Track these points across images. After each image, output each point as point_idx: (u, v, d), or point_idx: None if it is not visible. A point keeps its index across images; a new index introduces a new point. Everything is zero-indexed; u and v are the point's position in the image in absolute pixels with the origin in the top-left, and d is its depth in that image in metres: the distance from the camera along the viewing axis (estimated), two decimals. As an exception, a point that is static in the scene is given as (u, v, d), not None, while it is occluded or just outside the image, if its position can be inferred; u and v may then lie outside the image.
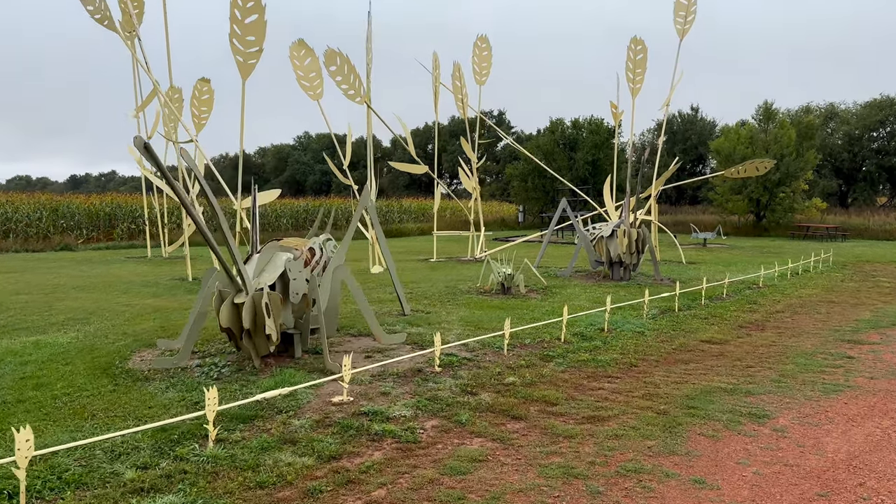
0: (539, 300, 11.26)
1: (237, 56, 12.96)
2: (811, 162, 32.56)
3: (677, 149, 58.02)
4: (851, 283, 14.31)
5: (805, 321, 9.71)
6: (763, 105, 34.43)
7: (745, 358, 7.33)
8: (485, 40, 20.19)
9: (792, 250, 23.89)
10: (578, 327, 8.63)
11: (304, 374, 6.00)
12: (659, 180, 19.30)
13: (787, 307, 10.98)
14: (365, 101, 15.15)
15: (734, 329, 9.03)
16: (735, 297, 11.87)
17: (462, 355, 6.88)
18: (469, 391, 5.70)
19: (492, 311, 9.92)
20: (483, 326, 8.54)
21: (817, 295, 12.44)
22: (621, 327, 8.84)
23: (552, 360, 6.93)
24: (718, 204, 34.88)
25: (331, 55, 14.10)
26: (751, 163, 19.42)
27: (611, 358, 7.14)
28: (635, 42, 18.89)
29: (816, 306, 11.11)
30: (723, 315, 10.04)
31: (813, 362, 7.10)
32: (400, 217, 37.75)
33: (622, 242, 13.80)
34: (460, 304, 10.74)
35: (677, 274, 15.50)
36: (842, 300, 11.82)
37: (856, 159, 49.46)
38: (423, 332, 8.11)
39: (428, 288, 12.65)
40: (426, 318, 9.21)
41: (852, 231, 31.69)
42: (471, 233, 20.84)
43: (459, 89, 19.69)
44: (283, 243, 6.71)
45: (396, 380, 5.92)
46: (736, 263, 18.57)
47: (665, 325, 9.10)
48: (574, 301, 11.14)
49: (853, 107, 52.89)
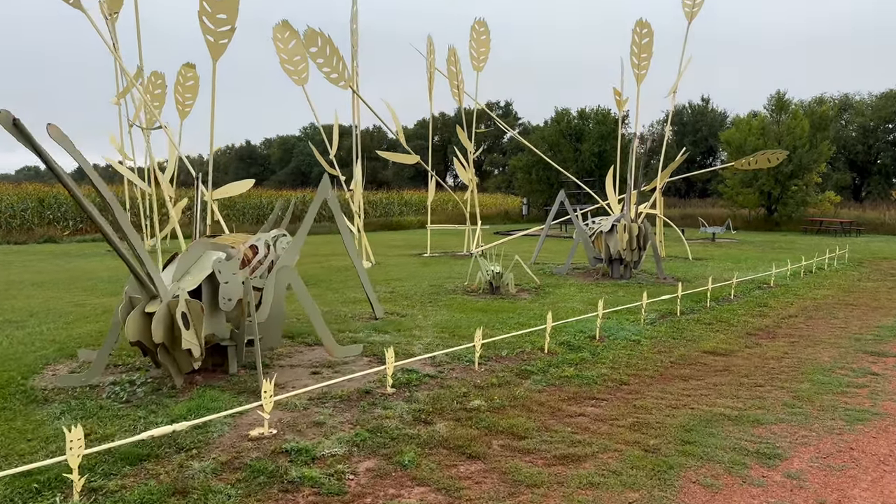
0: (529, 301, 10.34)
1: (207, 35, 12.05)
2: (825, 154, 31.40)
3: (687, 140, 56.77)
4: (869, 283, 13.30)
5: (821, 328, 8.74)
6: (776, 95, 33.24)
7: (753, 374, 6.39)
8: (483, 24, 19.19)
9: (804, 246, 22.83)
10: (566, 335, 7.70)
11: (230, 396, 5.10)
12: (664, 172, 18.29)
13: (800, 311, 10.00)
14: (349, 86, 14.22)
15: (742, 337, 8.08)
16: (743, 299, 10.90)
17: (425, 371, 5.96)
18: (423, 419, 4.79)
19: (474, 315, 9.00)
20: (460, 333, 7.63)
21: (833, 296, 11.45)
22: (615, 335, 7.91)
23: (530, 377, 6.01)
24: (728, 197, 33.78)
25: (311, 36, 13.17)
26: (762, 154, 18.38)
27: (598, 373, 6.21)
28: (640, 25, 17.84)
29: (833, 310, 10.13)
30: (729, 320, 9.08)
31: (832, 380, 6.15)
32: (401, 210, 36.85)
33: (622, 238, 12.83)
34: (442, 305, 9.82)
35: (682, 272, 14.52)
36: (860, 303, 10.82)
37: (870, 152, 48.12)
38: (390, 340, 7.20)
39: (412, 286, 11.75)
40: (399, 322, 8.30)
41: (867, 226, 30.54)
42: (467, 227, 19.89)
43: (455, 75, 18.72)
44: (219, 240, 5.81)
45: (338, 405, 5.01)
46: (746, 260, 17.57)
47: (664, 332, 8.16)
48: (567, 303, 10.21)
49: (868, 98, 51.49)
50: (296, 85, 16.16)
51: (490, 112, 22.68)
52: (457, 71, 18.67)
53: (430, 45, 19.12)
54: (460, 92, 18.90)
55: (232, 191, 12.15)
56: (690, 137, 56.07)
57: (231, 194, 12.37)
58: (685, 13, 18.14)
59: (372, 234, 30.15)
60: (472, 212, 20.20)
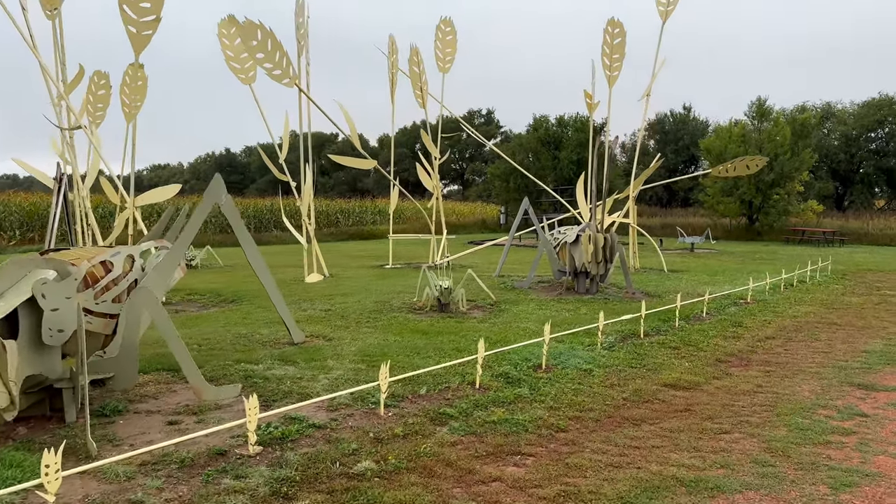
0: (479, 321, 9.26)
1: (129, 26, 10.97)
2: (807, 162, 30.64)
3: (669, 149, 56.13)
4: (854, 298, 12.34)
5: (801, 352, 7.72)
6: (756, 101, 32.49)
7: (719, 415, 5.34)
8: (448, 24, 18.18)
9: (786, 257, 21.94)
10: (507, 364, 6.62)
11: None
12: (638, 179, 17.31)
13: (778, 331, 8.98)
14: (295, 84, 13.12)
15: (710, 365, 7.03)
16: (716, 318, 9.88)
17: (315, 419, 4.84)
18: (284, 494, 3.68)
19: (411, 338, 7.91)
20: (378, 364, 6.52)
21: (815, 314, 10.46)
22: (564, 362, 6.84)
23: (447, 423, 4.92)
24: (709, 206, 32.95)
25: (249, 28, 12.08)
26: (741, 160, 17.45)
27: (533, 417, 5.13)
28: (612, 24, 16.87)
29: (815, 330, 9.12)
30: (698, 343, 8.04)
31: (813, 424, 5.10)
32: (374, 218, 35.72)
33: (587, 250, 11.80)
34: (379, 326, 8.72)
35: (654, 285, 13.50)
36: (845, 321, 9.83)
37: (853, 160, 47.61)
38: (294, 374, 6.08)
39: (354, 303, 10.64)
40: (316, 349, 7.18)
41: (850, 236, 29.78)
42: (432, 236, 18.81)
43: (418, 76, 17.68)
44: (60, 255, 4.68)
45: (176, 473, 3.87)
46: (723, 272, 16.60)
47: (622, 359, 7.10)
48: (521, 322, 9.15)
49: (850, 106, 51.09)
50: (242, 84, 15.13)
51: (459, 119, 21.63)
52: (420, 72, 17.64)
53: (393, 45, 18.09)
54: (424, 94, 17.87)
55: (155, 197, 11.01)
56: (672, 146, 55.43)
57: (154, 201, 11.25)
58: (659, 12, 17.24)
59: (341, 243, 29.03)
60: (438, 221, 19.12)
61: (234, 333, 7.99)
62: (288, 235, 30.13)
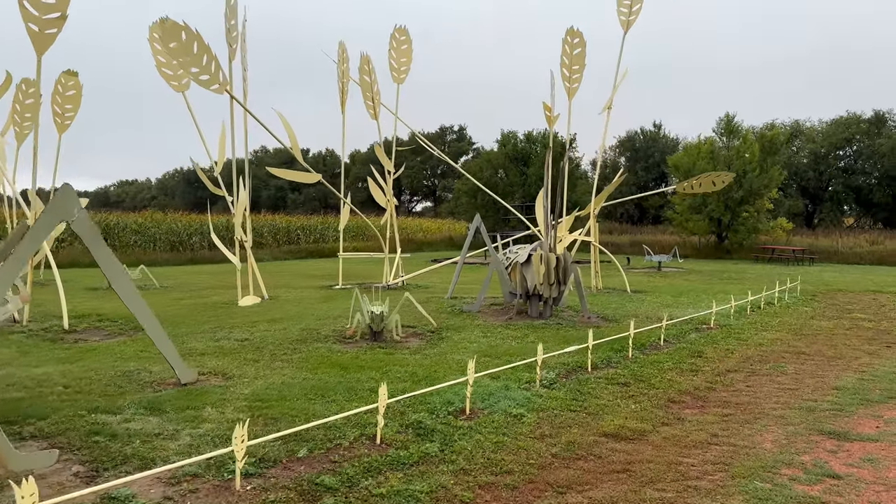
0: (412, 352, 8.27)
1: (30, 24, 9.90)
2: (776, 179, 30.21)
3: (639, 166, 55.87)
4: (824, 322, 11.56)
5: (765, 389, 6.84)
6: (725, 118, 32.08)
7: (662, 478, 4.40)
8: (403, 32, 17.33)
9: (755, 275, 21.28)
10: (423, 410, 5.64)
11: None
12: (600, 195, 16.53)
13: (741, 362, 8.11)
14: (226, 90, 12.11)
15: (661, 407, 6.11)
16: (675, 346, 8.99)
17: (147, 497, 3.80)
18: None
19: (325, 376, 6.89)
20: (278, 412, 5.50)
21: (782, 341, 9.62)
22: (493, 406, 5.87)
23: (321, 499, 3.91)
24: (678, 224, 32.38)
25: (172, 29, 11.05)
26: (706, 176, 16.79)
27: (435, 485, 4.15)
28: (571, 34, 16.15)
29: (781, 360, 8.26)
30: (651, 379, 7.13)
31: (775, 492, 4.18)
32: (336, 235, 34.59)
33: (538, 270, 10.89)
34: (294, 360, 7.70)
35: (614, 308, 12.62)
36: (814, 350, 9.00)
37: (822, 178, 47.66)
38: (153, 428, 5.03)
39: (278, 331, 9.59)
40: (202, 393, 6.13)
41: (820, 254, 29.33)
42: (385, 255, 17.81)
43: (369, 86, 16.77)
44: None
45: None
46: (689, 293, 15.81)
47: (561, 401, 6.15)
48: (459, 353, 8.17)
49: (819, 124, 51.29)
50: (174, 91, 14.10)
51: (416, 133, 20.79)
52: (371, 81, 16.73)
53: (343, 53, 17.18)
54: (375, 104, 16.95)
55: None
56: (643, 163, 55.18)
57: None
58: (621, 21, 16.56)
59: (300, 261, 27.88)
60: (393, 238, 18.15)
61: (119, 371, 6.90)
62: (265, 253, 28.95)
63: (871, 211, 48.39)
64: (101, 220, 27.61)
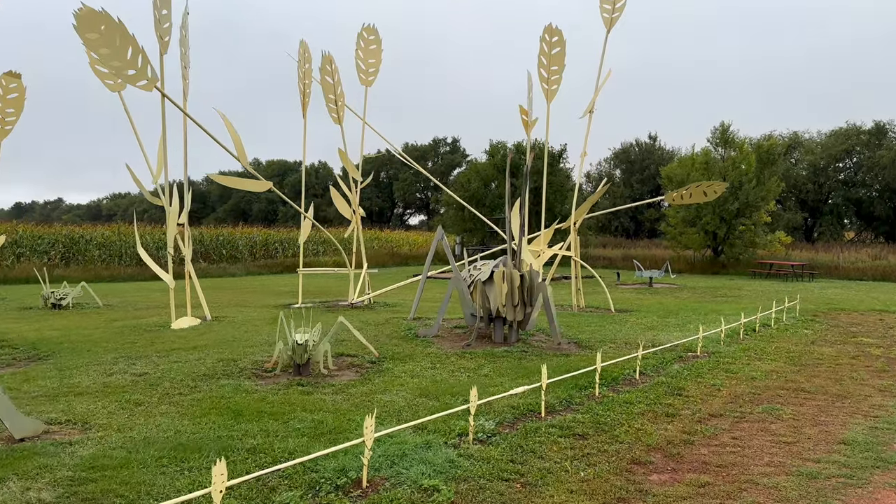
0: (338, 389, 6.93)
1: None
2: (773, 191, 28.94)
3: (635, 178, 54.73)
4: (827, 348, 10.22)
5: (755, 442, 5.49)
6: (720, 127, 30.84)
7: None
8: (372, 31, 16.09)
9: (751, 292, 19.94)
10: (301, 485, 4.29)
11: None
12: (581, 207, 15.21)
13: (728, 403, 6.76)
14: (155, 87, 10.82)
15: (621, 472, 4.75)
16: (652, 381, 7.64)
17: None
18: None
19: (208, 427, 5.55)
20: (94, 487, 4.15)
21: (779, 374, 8.27)
22: (401, 474, 4.52)
23: None
24: (671, 237, 31.08)
25: (91, 17, 9.76)
26: (696, 185, 15.43)
27: None
28: (550, 32, 14.91)
29: (776, 401, 6.91)
30: (616, 428, 5.77)
31: None
32: (316, 249, 33.30)
33: (500, 290, 9.56)
34: (184, 403, 6.34)
35: (592, 331, 11.27)
36: (816, 386, 7.64)
37: (821, 191, 46.44)
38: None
39: (189, 363, 8.23)
40: (32, 454, 4.77)
41: (820, 269, 28.00)
42: (349, 270, 16.48)
43: (332, 87, 15.50)
44: None
45: None
46: (678, 312, 14.48)
47: (493, 464, 4.80)
48: (393, 393, 6.83)
49: (818, 136, 50.14)
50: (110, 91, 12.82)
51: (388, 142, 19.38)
52: (334, 83, 15.47)
53: (305, 53, 15.94)
54: (339, 108, 15.68)
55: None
56: (638, 175, 54.07)
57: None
58: (604, 20, 15.32)
59: (274, 276, 26.53)
60: (359, 252, 16.83)
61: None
62: (218, 268, 27.62)
63: (873, 225, 47.14)
64: (68, 234, 26.28)
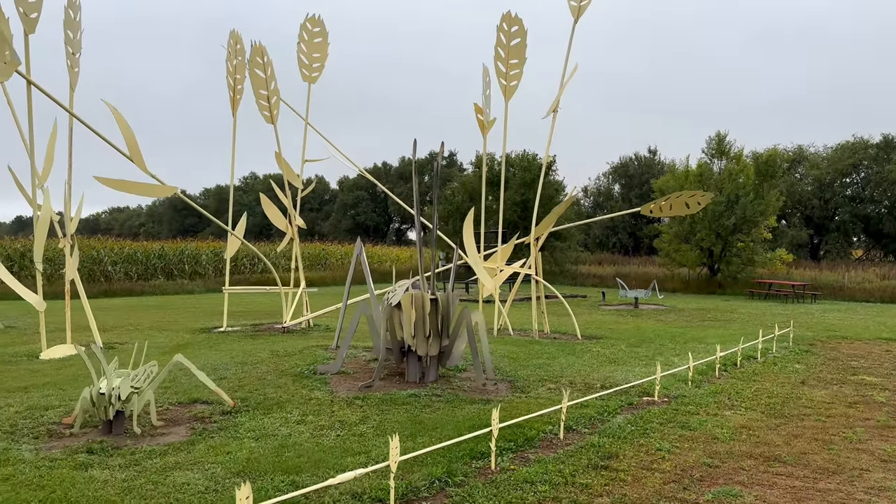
0: (141, 459, 5.08)
1: None
2: (773, 205, 26.98)
3: (633, 193, 52.88)
4: (819, 390, 8.28)
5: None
6: (716, 136, 28.94)
7: None
8: (317, 23, 14.41)
9: (745, 316, 17.98)
10: None
11: None
12: (544, 221, 13.34)
13: (668, 483, 4.84)
14: (19, 72, 9.07)
15: None
16: (579, 442, 5.73)
17: None
18: None
19: None
20: None
21: (750, 432, 6.33)
22: None
23: None
24: (665, 254, 29.13)
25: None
26: (677, 195, 13.54)
27: None
28: (508, 21, 13.13)
29: (736, 480, 4.99)
30: (484, 535, 3.88)
31: None
32: (287, 265, 31.47)
33: (409, 318, 7.70)
34: None
35: (538, 364, 9.35)
36: (796, 454, 5.71)
37: (827, 207, 44.37)
38: None
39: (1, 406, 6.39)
40: None
41: (824, 289, 25.96)
42: (279, 289, 14.63)
43: (264, 82, 13.76)
44: None
45: None
46: (654, 339, 12.57)
47: None
48: (205, 469, 4.97)
49: (823, 150, 48.17)
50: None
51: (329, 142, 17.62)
52: (266, 77, 13.73)
53: (236, 44, 14.22)
54: (273, 106, 13.93)
55: None
56: (637, 190, 52.24)
57: None
58: (571, 8, 13.55)
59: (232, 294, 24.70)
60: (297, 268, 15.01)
61: None
62: (175, 285, 25.84)
63: (882, 242, 45.00)
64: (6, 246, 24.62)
